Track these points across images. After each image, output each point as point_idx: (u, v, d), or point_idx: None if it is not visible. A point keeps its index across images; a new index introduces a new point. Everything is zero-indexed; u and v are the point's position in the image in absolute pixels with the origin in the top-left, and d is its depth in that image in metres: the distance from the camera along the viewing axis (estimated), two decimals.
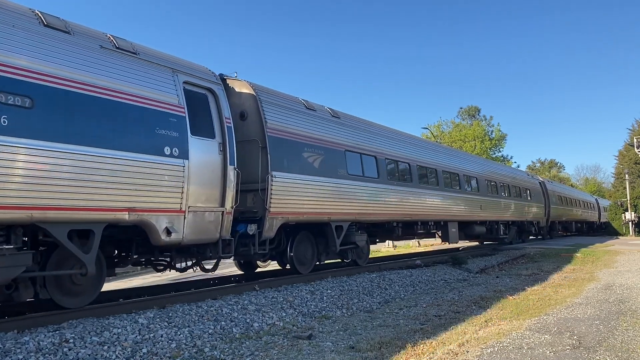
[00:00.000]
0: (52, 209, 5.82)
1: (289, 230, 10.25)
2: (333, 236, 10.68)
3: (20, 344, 5.08)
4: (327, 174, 10.59)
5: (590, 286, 10.44)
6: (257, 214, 9.01)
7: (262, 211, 8.98)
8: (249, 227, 8.73)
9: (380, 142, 13.35)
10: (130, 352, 5.40)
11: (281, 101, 10.14)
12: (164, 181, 7.03)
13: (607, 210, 48.23)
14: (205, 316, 6.83)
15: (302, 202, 9.85)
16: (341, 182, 11.02)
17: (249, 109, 9.46)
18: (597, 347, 5.26)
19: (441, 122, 54.33)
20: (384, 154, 13.16)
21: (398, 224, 13.90)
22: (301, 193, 9.82)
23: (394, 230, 13.94)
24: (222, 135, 8.26)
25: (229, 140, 8.30)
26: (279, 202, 9.19)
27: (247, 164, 8.97)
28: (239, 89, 9.66)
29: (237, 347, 5.82)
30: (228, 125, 8.40)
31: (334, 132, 11.38)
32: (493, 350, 5.19)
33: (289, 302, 8.15)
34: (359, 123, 13.04)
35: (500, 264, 16.54)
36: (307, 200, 10.00)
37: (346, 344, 5.96)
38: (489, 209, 19.86)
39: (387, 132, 14.38)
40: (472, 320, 7.27)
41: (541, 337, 5.74)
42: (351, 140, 11.93)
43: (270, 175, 9.03)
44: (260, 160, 9.11)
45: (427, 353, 5.37)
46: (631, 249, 21.56)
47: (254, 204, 9.10)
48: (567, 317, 6.94)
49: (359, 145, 12.18)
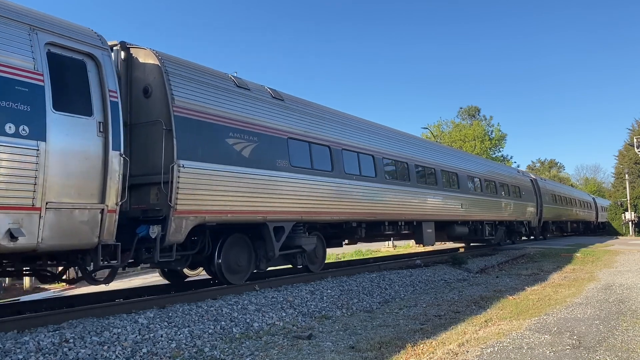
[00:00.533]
0: None
1: (217, 232, 8.75)
2: (271, 239, 9.12)
3: (20, 344, 5.08)
4: (262, 165, 8.97)
5: (590, 286, 10.44)
6: (161, 212, 7.43)
7: (166, 209, 7.35)
8: (152, 229, 7.16)
9: (336, 129, 11.66)
10: (130, 352, 5.40)
11: (199, 75, 8.46)
12: (1, 168, 5.50)
13: (605, 210, 48.18)
14: (205, 316, 6.83)
15: (225, 198, 8.22)
16: (281, 176, 9.37)
17: (153, 84, 7.84)
18: (597, 347, 5.26)
19: (441, 122, 54.43)
20: (340, 143, 11.49)
21: (360, 224, 12.32)
22: (224, 188, 8.20)
23: (355, 231, 12.34)
24: (103, 113, 6.65)
25: (113, 120, 6.71)
26: (190, 198, 7.59)
27: (150, 151, 7.61)
28: (144, 60, 8.04)
29: (237, 347, 5.83)
30: (113, 101, 6.79)
31: (273, 116, 9.68)
32: (493, 350, 5.18)
33: (289, 302, 8.15)
34: (309, 107, 11.26)
35: (500, 263, 16.55)
36: (233, 196, 8.35)
37: (346, 344, 5.96)
38: (471, 207, 18.09)
39: (345, 119, 12.55)
40: (472, 320, 7.27)
41: (541, 337, 5.74)
42: (297, 126, 10.28)
43: (177, 164, 7.37)
44: (163, 146, 7.46)
45: (427, 353, 5.37)
46: (631, 249, 21.57)
47: (158, 201, 7.52)
48: (567, 317, 6.94)
49: (307, 133, 10.50)
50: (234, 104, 8.85)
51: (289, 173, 9.62)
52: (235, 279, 8.96)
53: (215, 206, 8.06)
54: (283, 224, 9.47)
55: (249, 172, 8.69)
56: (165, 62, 7.88)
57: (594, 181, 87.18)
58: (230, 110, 8.70)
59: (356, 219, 11.93)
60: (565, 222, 35.09)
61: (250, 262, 9.37)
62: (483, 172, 20.41)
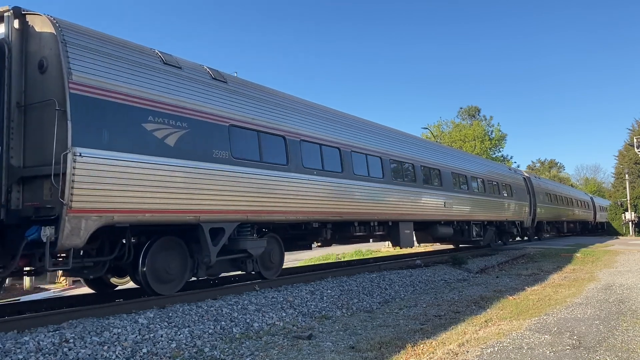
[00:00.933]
0: None
1: (143, 234, 7.80)
2: (206, 242, 7.95)
3: (20, 344, 5.08)
4: (193, 156, 7.72)
5: (590, 286, 10.44)
6: (54, 211, 6.19)
7: (59, 207, 6.12)
8: (43, 230, 6.03)
9: (293, 117, 10.35)
10: (130, 352, 5.41)
11: (110, 49, 7.14)
12: None
13: (603, 210, 48.10)
14: (205, 316, 6.83)
15: (141, 194, 6.94)
16: (219, 169, 8.15)
17: (49, 56, 6.56)
18: (597, 347, 5.26)
19: (441, 122, 54.40)
20: (298, 133, 10.22)
21: (325, 225, 11.10)
22: (138, 182, 6.92)
23: (319, 232, 11.11)
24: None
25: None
26: (92, 193, 6.34)
27: (44, 137, 6.41)
28: (40, 29, 6.73)
29: (237, 347, 5.83)
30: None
31: (211, 99, 8.41)
32: (493, 350, 5.18)
33: (289, 302, 8.15)
34: (261, 92, 9.88)
35: (500, 264, 16.55)
36: (152, 192, 7.08)
37: (346, 344, 5.96)
38: (456, 206, 16.89)
39: (304, 107, 11.11)
40: (472, 320, 7.27)
41: (541, 337, 5.74)
42: (243, 112, 8.99)
43: (72, 152, 6.11)
44: (55, 131, 6.20)
45: (427, 353, 5.37)
46: (631, 249, 21.57)
47: (52, 197, 6.26)
48: (567, 317, 6.94)
49: (256, 121, 9.22)
50: (156, 83, 7.55)
51: (230, 166, 8.36)
52: (164, 289, 7.74)
53: (128, 204, 6.80)
54: (223, 224, 8.27)
55: (174, 163, 7.40)
56: (64, 31, 6.59)
57: (594, 181, 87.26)
58: (150, 90, 7.39)
59: (318, 219, 10.63)
60: (562, 222, 34.06)
61: (185, 270, 8.16)
62: (470, 168, 19.13)
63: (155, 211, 7.18)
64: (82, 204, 6.25)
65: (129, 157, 6.82)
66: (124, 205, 6.74)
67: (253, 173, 8.83)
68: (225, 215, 8.29)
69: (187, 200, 7.59)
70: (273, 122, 9.66)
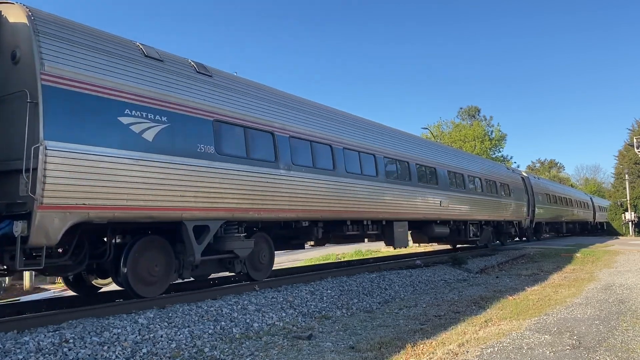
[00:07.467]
0: None
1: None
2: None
3: (20, 344, 5.08)
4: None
5: (590, 286, 10.44)
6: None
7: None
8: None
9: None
10: (130, 352, 5.41)
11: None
12: None
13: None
14: (205, 316, 6.83)
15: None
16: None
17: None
18: (597, 347, 5.26)
19: (441, 122, 54.42)
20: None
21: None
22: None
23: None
24: None
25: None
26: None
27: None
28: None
29: (237, 347, 5.83)
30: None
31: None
32: (493, 350, 5.18)
33: (288, 302, 8.16)
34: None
35: (500, 264, 16.56)
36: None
37: (346, 344, 5.96)
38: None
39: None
40: (472, 320, 7.27)
41: (541, 337, 5.74)
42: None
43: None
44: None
45: (427, 353, 5.37)
46: (631, 249, 21.57)
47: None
48: (567, 317, 6.94)
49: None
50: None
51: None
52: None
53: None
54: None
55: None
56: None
57: (594, 181, 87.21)
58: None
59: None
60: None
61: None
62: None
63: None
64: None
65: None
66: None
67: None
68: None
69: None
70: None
